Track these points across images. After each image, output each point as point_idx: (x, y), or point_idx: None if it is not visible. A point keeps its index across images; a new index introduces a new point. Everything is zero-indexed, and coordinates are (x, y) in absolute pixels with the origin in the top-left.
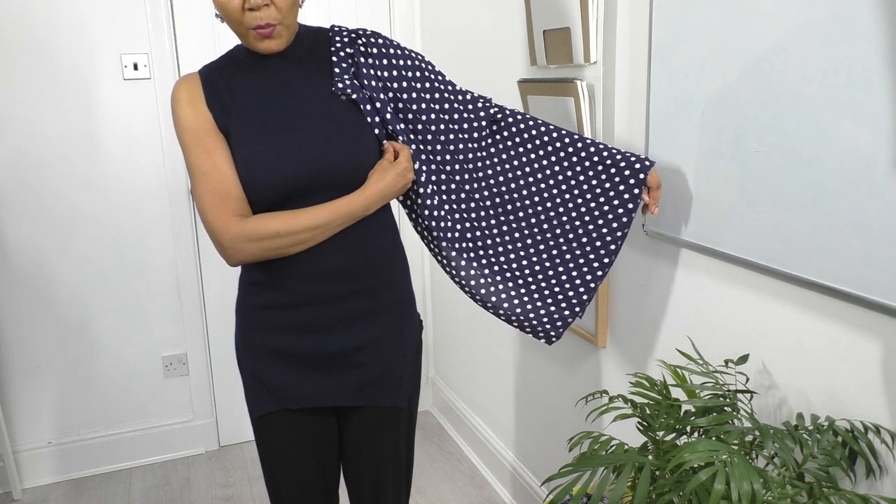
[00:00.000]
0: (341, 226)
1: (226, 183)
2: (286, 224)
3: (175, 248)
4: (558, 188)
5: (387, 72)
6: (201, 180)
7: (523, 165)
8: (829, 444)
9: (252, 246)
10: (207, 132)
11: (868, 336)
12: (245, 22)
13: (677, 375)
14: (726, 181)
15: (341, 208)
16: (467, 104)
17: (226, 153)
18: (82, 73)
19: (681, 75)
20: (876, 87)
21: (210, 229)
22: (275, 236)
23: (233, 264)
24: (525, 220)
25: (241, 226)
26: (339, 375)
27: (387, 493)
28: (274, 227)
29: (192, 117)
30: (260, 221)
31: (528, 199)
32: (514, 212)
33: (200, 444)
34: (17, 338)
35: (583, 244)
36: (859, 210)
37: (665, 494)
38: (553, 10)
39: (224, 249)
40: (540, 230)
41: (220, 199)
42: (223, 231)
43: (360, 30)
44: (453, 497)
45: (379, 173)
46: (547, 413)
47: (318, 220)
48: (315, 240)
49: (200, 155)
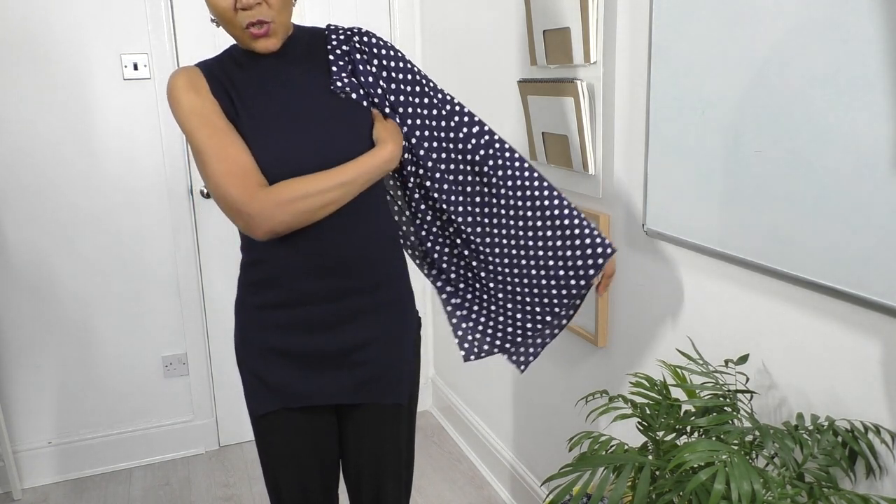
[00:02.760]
0: (366, 183)
1: (243, 156)
2: (316, 184)
3: (175, 248)
4: (525, 231)
5: (377, 70)
6: (215, 158)
7: (500, 196)
8: (829, 444)
9: (282, 210)
10: (215, 113)
11: (868, 336)
12: (238, 22)
13: (677, 375)
14: (726, 181)
15: (368, 163)
16: (453, 115)
17: (236, 132)
18: (82, 73)
19: (681, 75)
20: (876, 88)
21: (233, 203)
22: (305, 196)
23: (263, 236)
24: (490, 245)
25: (267, 193)
26: (340, 374)
27: (387, 490)
28: (304, 188)
29: (197, 100)
30: (288, 185)
31: (497, 227)
32: (482, 234)
33: (200, 444)
34: (17, 338)
35: (533, 293)
36: (859, 210)
37: (665, 494)
38: (553, 10)
39: (252, 219)
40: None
41: (241, 173)
42: (250, 202)
43: (355, 28)
44: (453, 497)
45: (386, 132)
46: (547, 413)
47: (346, 176)
48: (344, 198)
49: (210, 134)
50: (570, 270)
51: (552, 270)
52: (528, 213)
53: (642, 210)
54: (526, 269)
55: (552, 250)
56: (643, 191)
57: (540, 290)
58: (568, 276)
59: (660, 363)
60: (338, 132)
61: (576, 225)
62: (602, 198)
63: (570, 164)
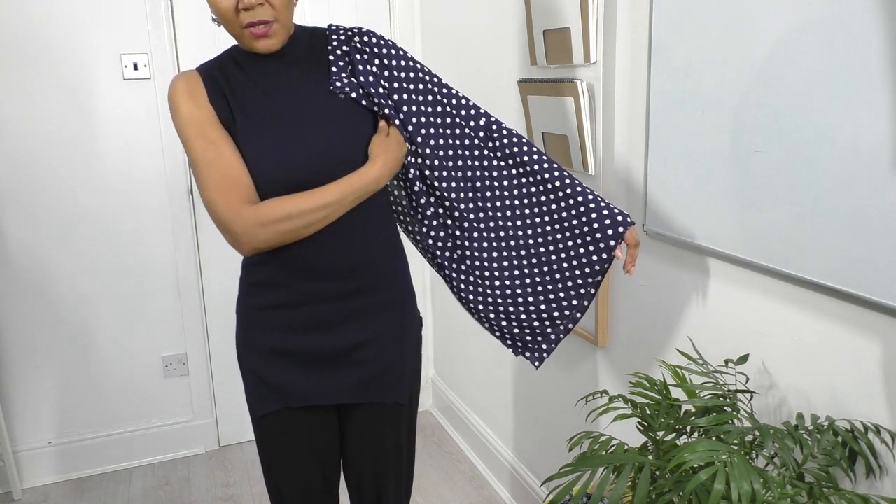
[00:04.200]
0: (353, 202)
1: (233, 171)
2: (298, 204)
3: (175, 248)
4: (541, 217)
5: (379, 70)
6: (207, 171)
7: (512, 187)
8: (829, 444)
9: (266, 231)
10: (211, 123)
11: (868, 336)
12: (239, 21)
13: (677, 375)
14: (726, 181)
15: (353, 183)
16: (461, 109)
17: (231, 144)
18: (82, 73)
19: (681, 75)
20: (876, 87)
21: (220, 219)
22: (287, 218)
23: (247, 253)
24: (506, 239)
25: (253, 211)
26: (340, 373)
27: (388, 489)
28: (286, 209)
29: (195, 110)
30: (271, 205)
31: (511, 219)
32: (496, 229)
33: (200, 444)
34: (17, 338)
35: (556, 280)
36: (859, 210)
37: (665, 494)
38: (553, 10)
39: (237, 237)
40: (518, 254)
41: (229, 188)
42: (235, 219)
43: (356, 28)
44: (453, 497)
45: (381, 146)
46: (547, 413)
47: (330, 197)
48: (328, 218)
49: (205, 146)
50: (590, 245)
51: (572, 251)
52: (542, 198)
53: (642, 210)
54: (545, 257)
55: (570, 230)
56: (643, 191)
57: (562, 273)
58: (589, 253)
59: (660, 363)
60: (336, 133)
61: (590, 200)
62: None
63: (570, 164)
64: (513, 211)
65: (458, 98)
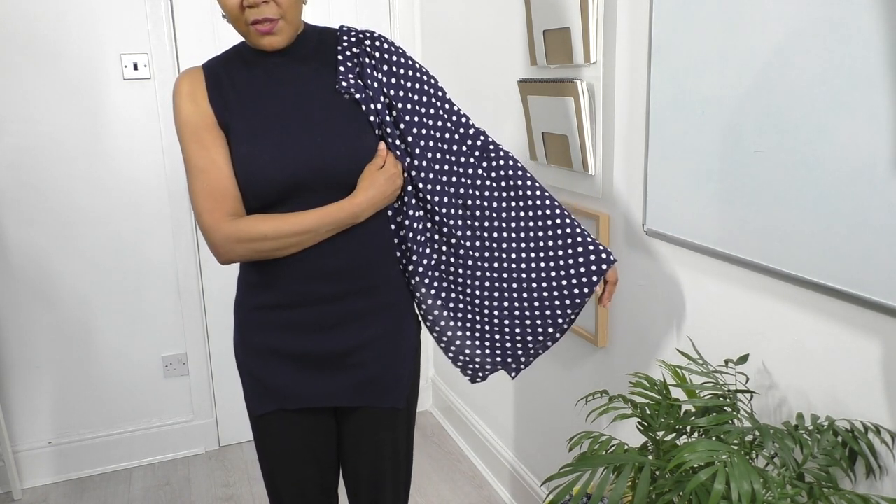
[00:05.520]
0: (329, 232)
1: (222, 181)
2: (275, 228)
3: (175, 248)
4: (527, 243)
5: (386, 77)
6: (197, 177)
7: (501, 209)
8: (829, 444)
9: (241, 247)
10: (207, 128)
11: (868, 336)
12: (245, 18)
13: (677, 375)
14: (726, 181)
15: (331, 214)
16: (459, 127)
17: (224, 150)
18: (82, 73)
19: (681, 75)
20: (876, 88)
21: (203, 227)
22: (263, 239)
23: (223, 262)
24: (490, 260)
25: (232, 226)
26: (338, 375)
27: (386, 493)
28: (262, 230)
29: (193, 112)
30: (250, 223)
31: (497, 241)
32: (482, 249)
33: (200, 444)
34: (17, 338)
35: (534, 307)
36: (859, 210)
37: (665, 494)
38: (553, 10)
39: (215, 248)
40: (500, 276)
41: (215, 198)
42: (215, 230)
43: (368, 31)
44: (453, 497)
45: (368, 179)
46: (547, 413)
47: (306, 225)
48: (303, 244)
49: (198, 151)
50: (572, 279)
51: (554, 281)
52: (531, 224)
53: (642, 210)
54: (526, 283)
55: (554, 260)
56: (643, 191)
57: (542, 301)
58: (571, 285)
59: (660, 363)
60: (336, 134)
61: (577, 233)
62: (602, 198)
63: (570, 164)
64: (500, 233)
65: (459, 115)
